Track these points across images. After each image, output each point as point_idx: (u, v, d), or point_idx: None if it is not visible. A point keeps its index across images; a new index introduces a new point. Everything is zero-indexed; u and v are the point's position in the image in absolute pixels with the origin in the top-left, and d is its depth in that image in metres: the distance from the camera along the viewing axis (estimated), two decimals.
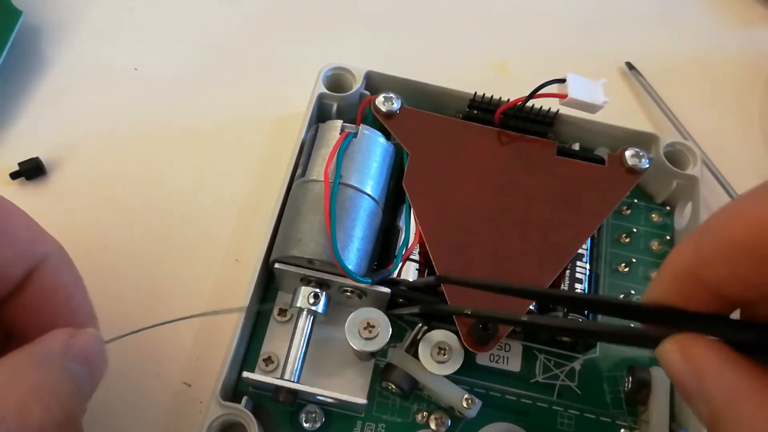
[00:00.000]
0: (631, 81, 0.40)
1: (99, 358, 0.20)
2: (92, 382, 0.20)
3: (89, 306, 0.22)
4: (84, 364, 0.19)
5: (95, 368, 0.20)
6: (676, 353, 0.18)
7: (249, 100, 0.36)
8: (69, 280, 0.22)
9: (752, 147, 0.38)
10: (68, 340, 0.19)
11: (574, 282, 0.29)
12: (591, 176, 0.30)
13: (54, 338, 0.19)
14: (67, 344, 0.19)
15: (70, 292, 0.21)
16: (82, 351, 0.19)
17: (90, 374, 0.20)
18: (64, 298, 0.21)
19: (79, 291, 0.22)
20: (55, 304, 0.21)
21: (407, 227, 0.29)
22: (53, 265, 0.21)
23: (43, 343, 0.19)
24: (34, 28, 0.37)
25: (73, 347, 0.19)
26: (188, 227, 0.32)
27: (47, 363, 0.18)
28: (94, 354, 0.20)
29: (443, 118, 0.32)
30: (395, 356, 0.27)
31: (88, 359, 0.19)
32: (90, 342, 0.20)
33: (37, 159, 0.32)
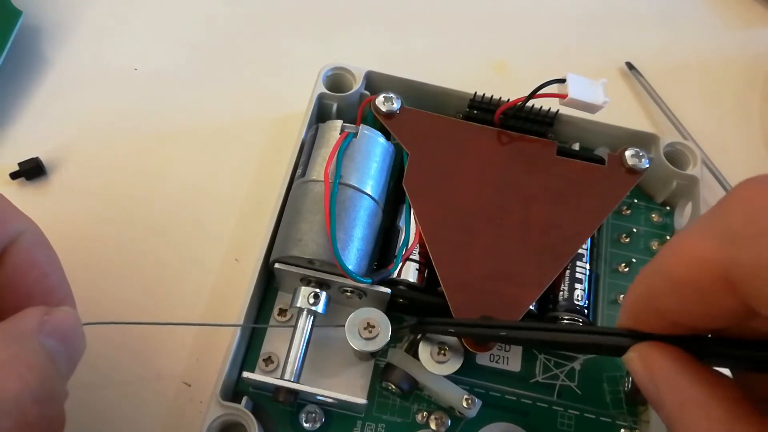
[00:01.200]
0: (631, 81, 0.40)
1: (75, 335, 0.20)
2: (70, 359, 0.19)
3: (66, 286, 0.21)
4: (60, 341, 0.19)
5: (72, 346, 0.19)
6: (636, 361, 0.19)
7: (249, 99, 0.36)
8: (44, 259, 0.21)
9: (752, 147, 0.38)
10: (42, 317, 0.19)
11: (574, 282, 0.29)
12: (591, 176, 0.30)
13: (27, 315, 0.19)
14: (41, 321, 0.18)
15: (45, 270, 0.21)
16: (57, 328, 0.19)
17: (67, 351, 0.19)
18: (39, 277, 0.20)
19: (54, 271, 0.21)
20: (30, 283, 0.20)
21: (407, 227, 0.29)
22: (27, 243, 0.20)
23: (15, 320, 0.18)
24: (34, 28, 0.37)
25: (48, 324, 0.19)
26: (188, 227, 0.32)
27: (20, 338, 0.18)
28: (70, 331, 0.19)
29: (443, 118, 0.32)
30: (395, 356, 0.27)
31: (64, 336, 0.19)
32: (66, 319, 0.19)
33: (37, 159, 0.32)
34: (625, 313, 0.20)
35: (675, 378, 0.18)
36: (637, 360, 0.19)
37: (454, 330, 0.25)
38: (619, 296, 0.31)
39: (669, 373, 0.18)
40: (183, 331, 0.29)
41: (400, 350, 0.27)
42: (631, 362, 0.19)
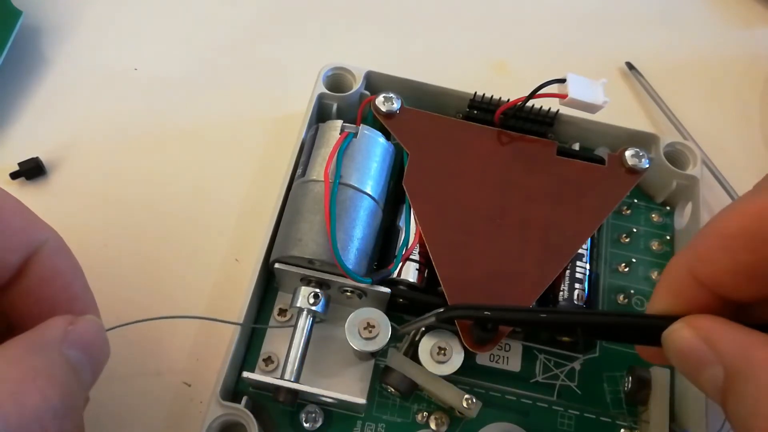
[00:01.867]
0: (631, 81, 0.40)
1: (99, 344, 0.20)
2: (93, 369, 0.19)
3: (89, 294, 0.22)
4: (84, 351, 0.19)
5: (96, 355, 0.19)
6: (684, 329, 0.19)
7: (249, 99, 0.36)
8: (67, 268, 0.21)
9: (752, 147, 0.38)
10: (67, 326, 0.19)
11: (574, 282, 0.29)
12: (591, 176, 0.30)
13: (52, 325, 0.19)
14: (65, 331, 0.18)
15: (69, 279, 0.21)
16: (81, 337, 0.19)
17: (90, 361, 0.19)
18: (62, 286, 0.21)
19: (77, 278, 0.21)
20: (54, 292, 0.20)
21: (407, 227, 0.29)
22: (50, 252, 0.20)
23: (40, 330, 0.18)
24: (34, 28, 0.37)
25: (72, 334, 0.19)
26: (188, 227, 0.32)
27: (43, 349, 0.18)
28: (94, 341, 0.19)
29: (443, 118, 0.32)
30: (393, 359, 0.27)
31: (87, 346, 0.19)
32: (90, 328, 0.19)
33: (37, 159, 0.32)
34: (662, 288, 0.20)
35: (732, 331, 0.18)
36: (685, 328, 0.19)
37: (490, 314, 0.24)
38: (619, 296, 0.31)
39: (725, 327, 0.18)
40: (183, 332, 0.29)
41: (398, 353, 0.27)
42: (676, 332, 0.19)
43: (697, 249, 0.19)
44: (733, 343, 0.17)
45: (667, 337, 0.19)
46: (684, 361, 0.19)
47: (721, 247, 0.18)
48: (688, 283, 0.19)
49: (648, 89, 0.38)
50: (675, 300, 0.20)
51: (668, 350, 0.19)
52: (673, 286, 0.20)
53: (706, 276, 0.19)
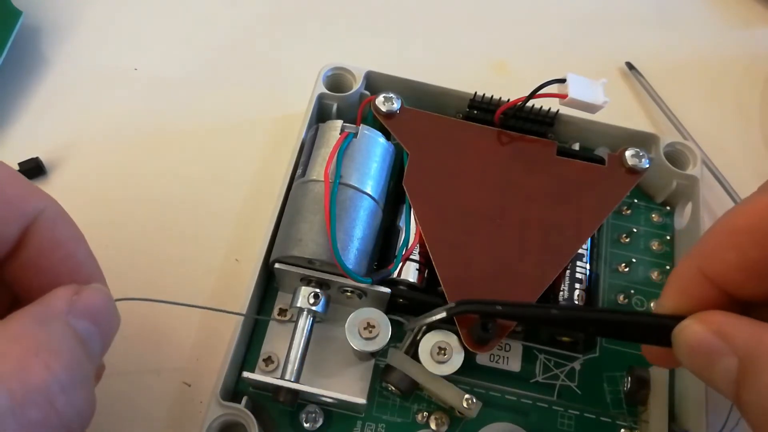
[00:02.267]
0: (631, 81, 0.40)
1: (107, 313, 0.19)
2: (102, 339, 0.19)
3: (93, 262, 0.21)
4: (91, 320, 0.18)
5: (104, 324, 0.19)
6: (695, 324, 0.18)
7: (249, 99, 0.36)
8: (68, 236, 0.20)
9: (752, 147, 0.38)
10: (71, 296, 0.18)
11: (574, 282, 0.29)
12: (591, 176, 0.30)
13: (56, 296, 0.18)
14: (70, 301, 0.18)
15: (71, 248, 0.20)
16: (87, 307, 0.18)
17: (99, 331, 0.18)
18: (64, 256, 0.20)
19: (80, 247, 0.21)
20: (56, 262, 0.20)
21: (407, 227, 0.29)
22: (49, 220, 0.20)
23: (44, 302, 0.18)
24: (34, 28, 0.37)
25: (77, 304, 0.18)
26: (188, 227, 0.32)
27: (48, 322, 0.17)
28: (102, 309, 0.19)
29: (443, 118, 0.32)
30: (394, 358, 0.27)
31: (95, 315, 0.18)
32: (96, 297, 0.19)
33: (37, 159, 0.32)
34: (670, 287, 0.20)
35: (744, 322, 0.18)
36: (696, 323, 0.18)
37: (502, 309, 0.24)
38: (619, 296, 0.31)
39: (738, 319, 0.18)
40: (183, 332, 0.29)
41: (399, 351, 0.27)
42: (687, 328, 0.19)
43: (706, 246, 0.19)
44: (747, 332, 0.17)
45: (677, 334, 0.19)
46: (696, 356, 0.18)
47: (730, 243, 0.18)
48: (697, 282, 0.19)
49: (648, 89, 0.38)
50: (684, 298, 0.20)
51: (679, 347, 0.19)
52: (682, 285, 0.20)
53: (716, 273, 0.19)
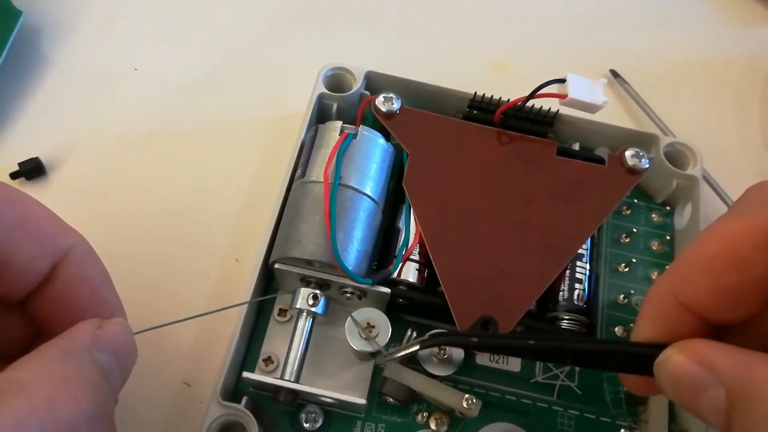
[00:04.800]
0: (616, 88, 0.39)
1: (128, 348, 0.20)
2: (122, 372, 0.20)
3: (116, 298, 0.22)
4: (113, 354, 0.19)
5: (124, 358, 0.20)
6: (678, 355, 0.18)
7: (249, 100, 0.36)
8: (95, 273, 0.21)
9: (752, 147, 0.38)
10: (95, 331, 0.19)
11: (574, 282, 0.29)
12: (591, 176, 0.30)
13: (81, 330, 0.19)
14: (94, 335, 0.19)
15: (97, 285, 0.21)
16: (110, 342, 0.19)
17: (119, 365, 0.19)
18: (90, 291, 0.21)
19: (105, 284, 0.22)
20: (82, 297, 0.21)
21: (407, 227, 0.29)
22: (78, 257, 0.21)
23: (70, 335, 0.19)
24: (34, 28, 0.37)
25: (101, 338, 0.19)
26: (188, 227, 0.32)
27: (75, 355, 0.18)
28: (123, 344, 0.20)
29: (443, 118, 0.32)
30: (389, 369, 0.27)
31: (116, 350, 0.19)
32: (118, 332, 0.20)
33: (37, 159, 0.32)
34: (645, 315, 0.20)
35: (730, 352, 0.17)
36: (678, 353, 0.18)
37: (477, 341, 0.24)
38: (619, 296, 0.30)
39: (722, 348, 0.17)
40: (183, 332, 0.29)
41: (393, 363, 0.27)
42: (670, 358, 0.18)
43: (680, 273, 0.19)
44: (732, 362, 0.17)
45: (660, 364, 0.19)
46: (680, 387, 0.18)
47: (704, 269, 0.18)
48: (672, 309, 0.19)
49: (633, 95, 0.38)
50: (660, 326, 0.19)
51: (662, 378, 0.19)
52: (657, 312, 0.20)
53: (691, 300, 0.19)
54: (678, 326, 0.19)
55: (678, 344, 0.18)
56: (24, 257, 0.20)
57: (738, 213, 0.18)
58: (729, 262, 0.18)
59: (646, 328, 0.20)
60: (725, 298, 0.18)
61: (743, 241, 0.18)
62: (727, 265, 0.18)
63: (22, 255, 0.20)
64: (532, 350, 0.23)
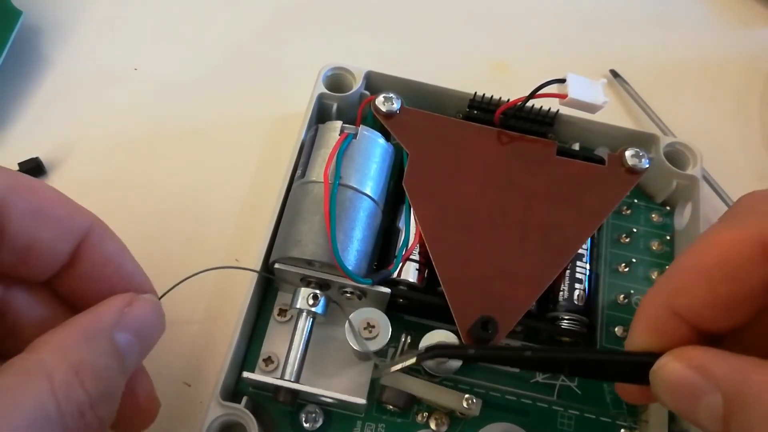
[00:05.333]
0: (617, 88, 0.39)
1: (153, 325, 0.22)
2: (141, 350, 0.21)
3: (140, 270, 0.23)
4: (135, 333, 0.20)
5: (146, 337, 0.21)
6: (674, 362, 0.18)
7: (249, 100, 0.36)
8: (116, 249, 0.23)
9: (752, 147, 0.38)
10: (123, 308, 0.20)
11: (574, 282, 0.29)
12: (591, 176, 0.30)
13: (109, 308, 0.20)
14: (121, 313, 0.20)
15: (120, 260, 0.23)
16: (135, 320, 0.21)
17: (140, 343, 0.21)
18: (116, 267, 0.22)
19: (127, 258, 0.23)
20: (109, 273, 0.22)
21: (407, 227, 0.29)
22: (98, 237, 0.22)
23: (96, 313, 0.20)
24: (34, 28, 0.37)
25: (126, 317, 0.20)
26: (188, 227, 0.32)
27: (94, 338, 0.19)
28: (147, 323, 0.21)
29: (443, 118, 0.32)
30: (386, 377, 0.27)
31: (139, 329, 0.21)
32: (146, 309, 0.21)
33: (37, 159, 0.32)
34: (640, 324, 0.20)
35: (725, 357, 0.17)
36: (674, 361, 0.18)
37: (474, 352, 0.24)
38: (619, 296, 0.30)
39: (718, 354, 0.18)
40: (183, 332, 0.29)
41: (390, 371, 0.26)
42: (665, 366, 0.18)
43: (675, 283, 0.19)
44: (729, 368, 0.17)
45: (656, 372, 0.19)
46: (677, 395, 0.18)
47: (698, 279, 0.18)
48: (666, 318, 0.19)
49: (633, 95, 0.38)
50: (654, 335, 0.20)
51: (658, 386, 0.19)
52: (651, 321, 0.20)
53: (685, 309, 0.19)
54: (672, 335, 0.19)
55: (673, 352, 0.19)
56: (45, 242, 0.21)
57: (731, 222, 0.19)
58: (723, 273, 0.18)
59: (641, 337, 0.20)
60: (719, 308, 0.18)
61: (737, 251, 0.18)
62: (722, 276, 0.18)
63: (43, 240, 0.21)
64: (529, 361, 0.23)
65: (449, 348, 0.25)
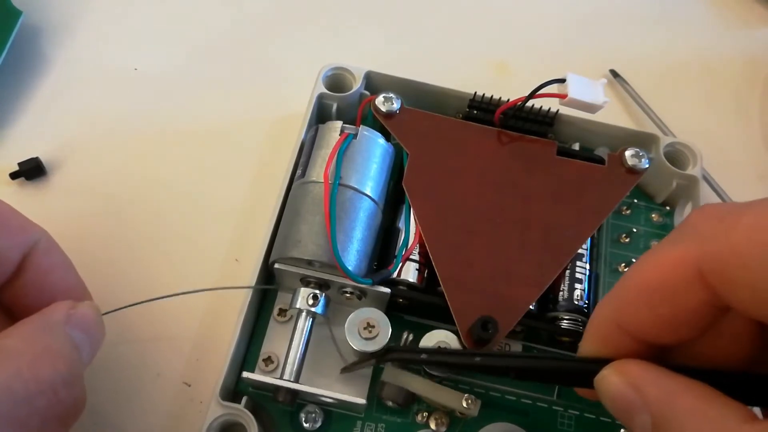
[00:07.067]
0: (617, 88, 0.39)
1: (97, 326, 0.23)
2: (91, 347, 0.22)
3: (82, 283, 0.24)
4: (84, 331, 0.22)
5: (94, 335, 0.22)
6: (613, 375, 0.19)
7: (249, 100, 0.36)
8: (61, 262, 0.24)
9: (752, 147, 0.38)
10: (68, 310, 0.22)
11: (574, 282, 0.29)
12: (591, 176, 0.30)
13: (56, 309, 0.22)
14: (68, 314, 0.21)
15: (64, 272, 0.24)
16: (81, 320, 0.22)
17: (89, 341, 0.22)
18: (59, 278, 0.24)
19: (70, 270, 0.24)
20: (52, 284, 0.23)
21: (407, 227, 0.29)
22: (44, 248, 0.23)
23: (46, 313, 0.21)
24: (34, 28, 0.37)
25: (74, 317, 0.22)
26: (188, 227, 0.32)
27: (51, 329, 0.21)
28: (93, 322, 0.22)
29: (443, 118, 0.32)
30: (387, 373, 0.27)
31: (87, 327, 0.22)
32: (88, 312, 0.22)
33: (37, 159, 0.32)
34: (590, 335, 0.21)
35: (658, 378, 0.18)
36: (613, 374, 0.19)
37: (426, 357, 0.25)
38: None
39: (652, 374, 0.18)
40: (183, 332, 0.29)
41: (391, 367, 0.27)
42: (606, 378, 0.19)
43: (619, 300, 0.20)
44: (659, 390, 0.18)
45: (597, 382, 0.19)
46: (615, 406, 0.19)
47: (641, 301, 0.19)
48: (612, 330, 0.20)
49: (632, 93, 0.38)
50: (602, 345, 0.20)
51: (600, 395, 0.19)
52: (599, 334, 0.20)
53: (629, 326, 0.19)
54: (619, 345, 0.20)
55: (615, 364, 0.19)
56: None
57: (675, 240, 0.19)
58: (661, 295, 0.18)
59: (590, 346, 0.21)
60: (661, 328, 0.19)
61: (674, 275, 0.18)
62: (660, 298, 0.18)
63: None
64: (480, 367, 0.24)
65: (403, 351, 0.26)
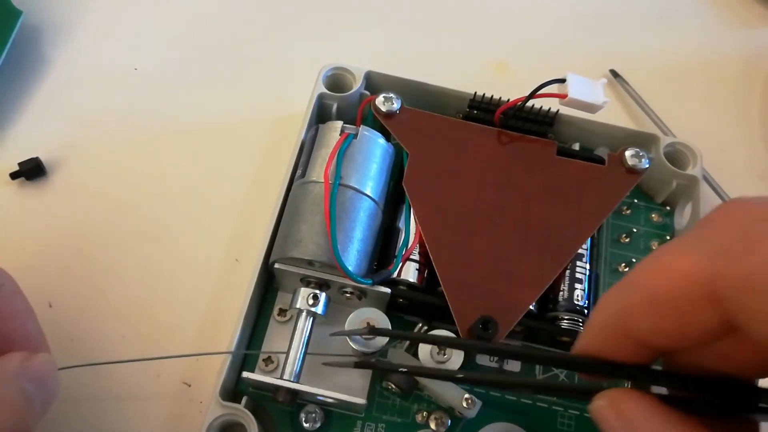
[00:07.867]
0: (617, 88, 0.39)
1: (51, 380, 0.21)
2: (44, 402, 0.21)
3: (41, 332, 0.23)
4: (37, 385, 0.21)
5: (48, 390, 0.21)
6: (607, 409, 0.19)
7: (249, 100, 0.36)
8: (22, 309, 0.23)
9: (752, 147, 0.38)
10: (23, 362, 0.21)
11: (574, 282, 0.29)
12: (591, 176, 0.30)
13: (10, 360, 0.21)
14: (22, 366, 0.21)
15: (24, 320, 0.23)
16: (35, 372, 0.21)
17: (42, 395, 0.21)
18: (18, 325, 0.22)
19: (31, 319, 0.23)
20: (10, 331, 0.22)
21: (407, 227, 0.29)
22: (7, 294, 0.22)
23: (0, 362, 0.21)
24: (34, 28, 0.37)
25: (28, 368, 0.21)
26: (188, 227, 0.32)
27: (4, 380, 0.20)
28: (47, 376, 0.21)
29: (443, 118, 0.32)
30: (395, 356, 0.27)
31: (41, 381, 0.21)
32: (43, 366, 0.21)
33: (37, 159, 0.32)
34: (589, 333, 0.20)
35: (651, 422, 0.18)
36: (607, 407, 0.19)
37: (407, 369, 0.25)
38: None
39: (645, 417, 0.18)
40: (183, 332, 0.29)
41: (400, 350, 0.27)
42: (601, 410, 0.19)
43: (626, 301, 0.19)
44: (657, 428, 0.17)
45: (593, 410, 0.19)
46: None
47: (647, 309, 0.18)
48: (616, 332, 0.19)
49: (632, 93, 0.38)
50: (603, 344, 0.20)
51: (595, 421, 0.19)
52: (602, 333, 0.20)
53: (632, 329, 0.19)
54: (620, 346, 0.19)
55: (609, 396, 0.19)
56: None
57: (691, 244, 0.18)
58: (670, 307, 0.17)
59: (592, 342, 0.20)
60: (666, 336, 0.18)
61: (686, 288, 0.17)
62: (668, 309, 0.17)
63: None
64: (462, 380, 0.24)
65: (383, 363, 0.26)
